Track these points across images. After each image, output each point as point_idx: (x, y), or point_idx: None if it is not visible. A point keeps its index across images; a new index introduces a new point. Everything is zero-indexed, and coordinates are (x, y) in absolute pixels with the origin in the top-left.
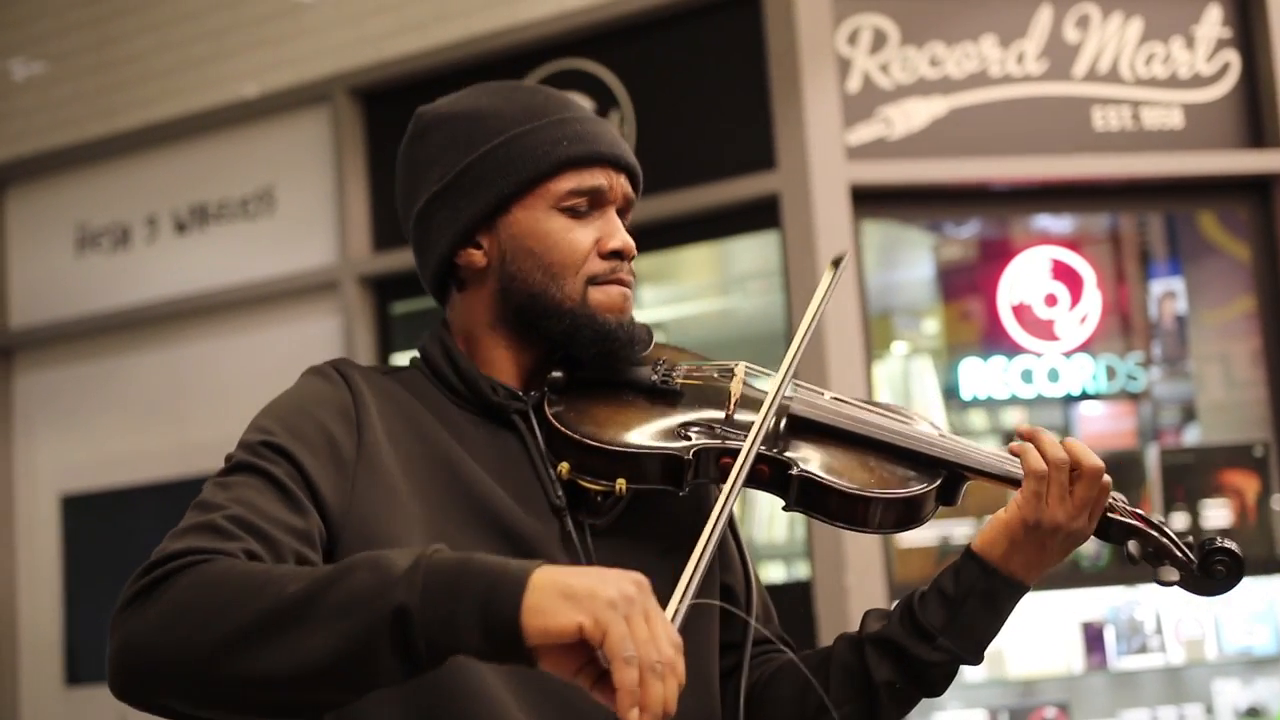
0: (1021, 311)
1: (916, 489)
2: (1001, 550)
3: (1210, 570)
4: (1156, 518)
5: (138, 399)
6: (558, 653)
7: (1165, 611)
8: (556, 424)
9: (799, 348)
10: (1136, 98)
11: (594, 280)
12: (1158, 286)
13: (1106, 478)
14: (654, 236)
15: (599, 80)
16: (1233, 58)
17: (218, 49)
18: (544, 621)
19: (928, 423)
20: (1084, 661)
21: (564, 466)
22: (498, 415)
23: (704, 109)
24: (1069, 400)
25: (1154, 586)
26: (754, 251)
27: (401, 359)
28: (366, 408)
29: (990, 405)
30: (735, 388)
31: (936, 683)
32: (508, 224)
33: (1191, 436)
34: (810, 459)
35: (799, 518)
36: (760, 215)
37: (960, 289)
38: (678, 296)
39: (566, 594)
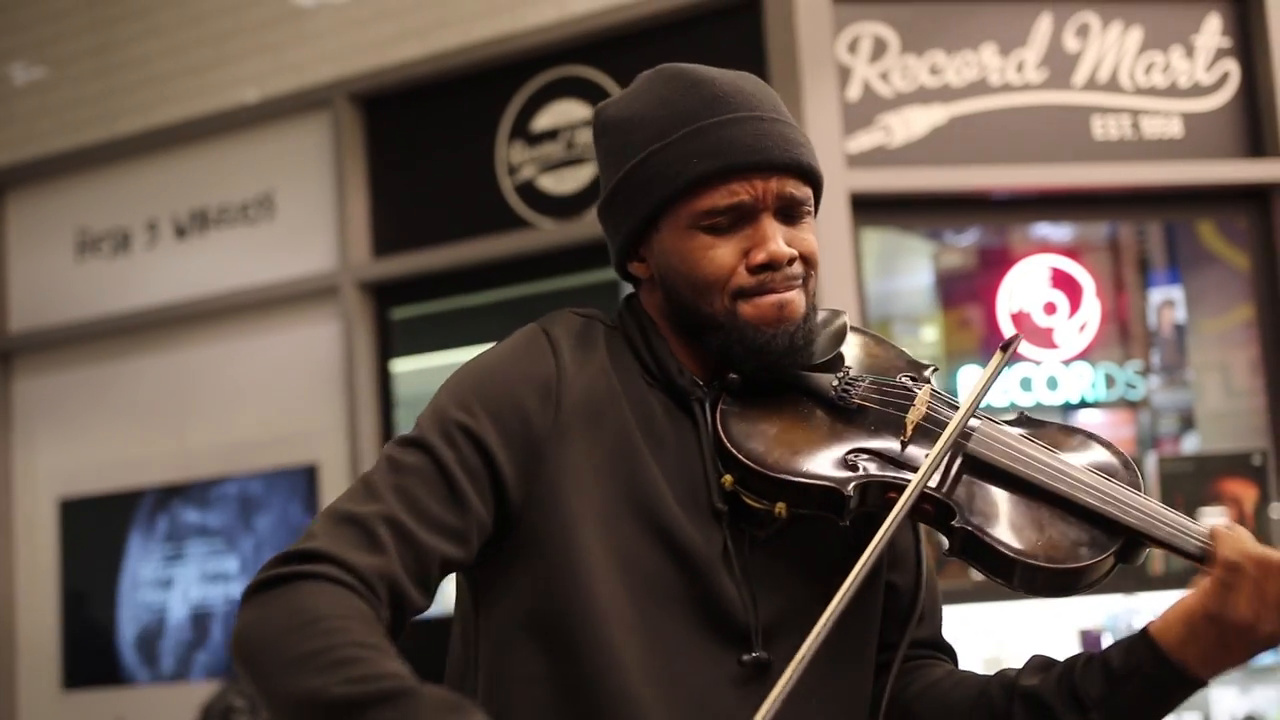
0: (1020, 319)
1: (1086, 560)
2: (1178, 636)
3: None
4: None
5: (137, 404)
6: None
7: None
8: (723, 435)
9: (977, 397)
10: (1136, 107)
11: (742, 294)
12: (1157, 295)
13: None
14: None
15: (599, 87)
16: (1232, 67)
17: (219, 54)
18: None
19: (1119, 455)
20: None
21: (728, 479)
22: (681, 399)
23: None
24: (1068, 408)
25: (1153, 594)
26: None
27: (402, 364)
28: (568, 384)
29: (988, 413)
30: (914, 417)
31: None
32: (659, 240)
33: (1190, 445)
34: (979, 508)
35: None
36: None
37: (959, 297)
38: None
39: None
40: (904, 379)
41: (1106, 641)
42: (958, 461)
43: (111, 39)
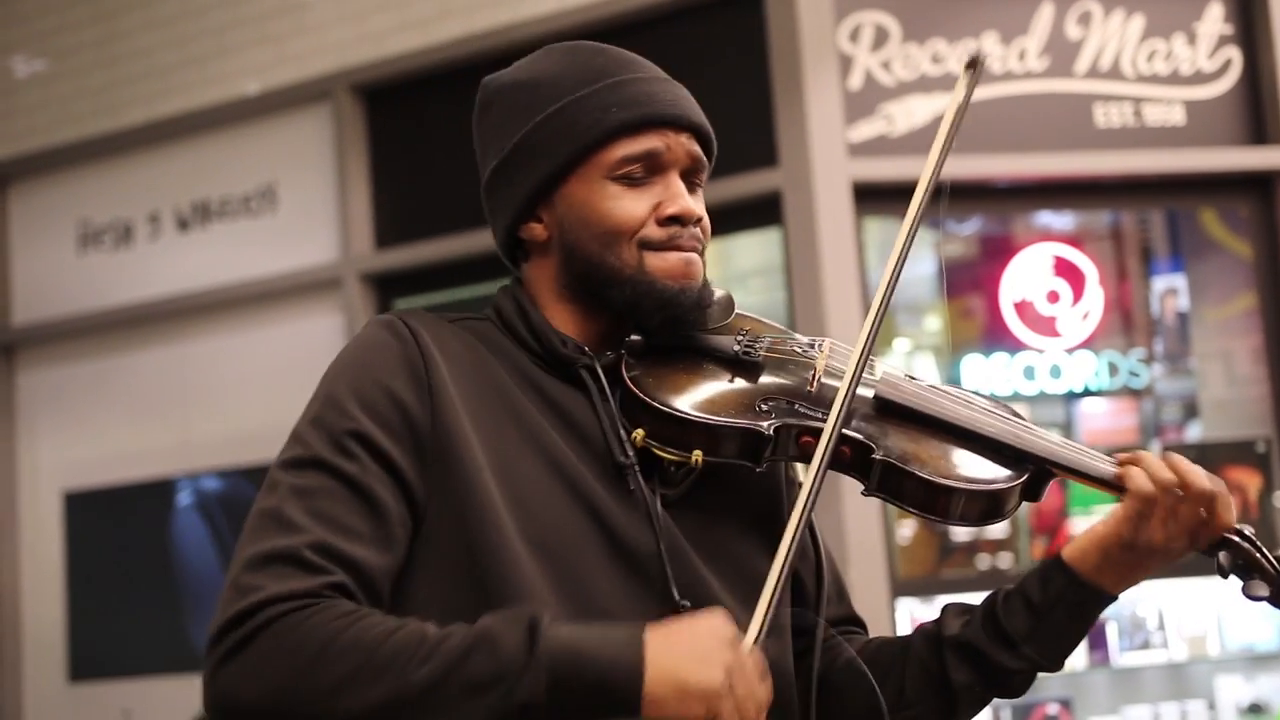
0: (1024, 308)
1: (1001, 484)
2: (1094, 563)
3: None
4: (1246, 528)
5: (140, 396)
6: None
7: (1168, 608)
8: (634, 388)
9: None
10: (1138, 94)
11: (649, 246)
12: (1160, 283)
13: (1223, 496)
14: None
15: None
16: (1234, 54)
17: (220, 46)
18: (662, 714)
19: (1015, 415)
20: (1086, 658)
21: (639, 433)
22: (565, 370)
23: (706, 106)
24: (1071, 397)
25: (1155, 583)
26: (756, 248)
27: None
28: (436, 368)
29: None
30: (820, 363)
31: (1017, 687)
32: (565, 195)
33: (1193, 433)
34: (894, 444)
35: None
36: (762, 212)
37: (962, 286)
38: None
39: (680, 690)
40: (800, 338)
41: (1112, 632)
42: (869, 406)
43: (113, 31)
